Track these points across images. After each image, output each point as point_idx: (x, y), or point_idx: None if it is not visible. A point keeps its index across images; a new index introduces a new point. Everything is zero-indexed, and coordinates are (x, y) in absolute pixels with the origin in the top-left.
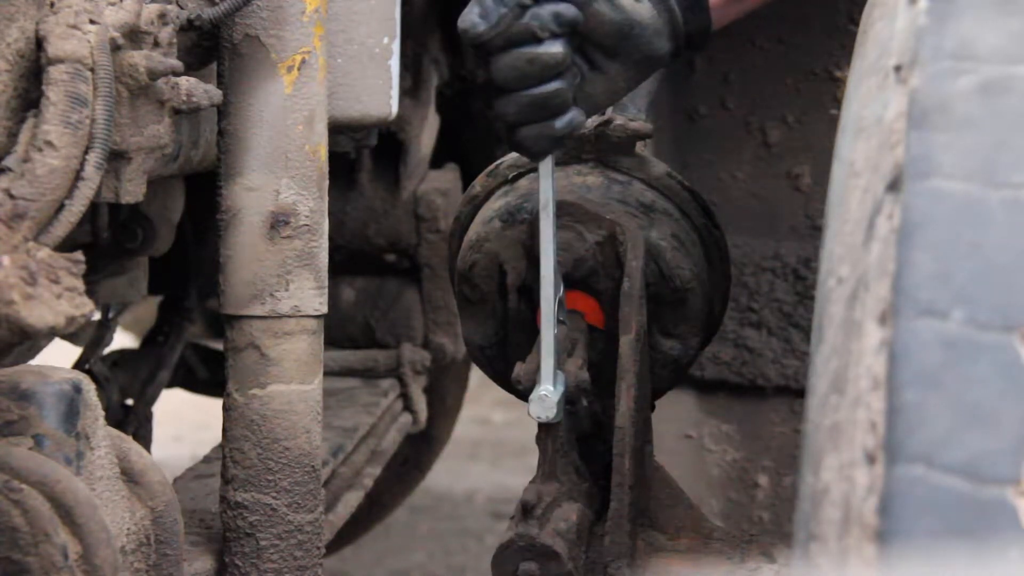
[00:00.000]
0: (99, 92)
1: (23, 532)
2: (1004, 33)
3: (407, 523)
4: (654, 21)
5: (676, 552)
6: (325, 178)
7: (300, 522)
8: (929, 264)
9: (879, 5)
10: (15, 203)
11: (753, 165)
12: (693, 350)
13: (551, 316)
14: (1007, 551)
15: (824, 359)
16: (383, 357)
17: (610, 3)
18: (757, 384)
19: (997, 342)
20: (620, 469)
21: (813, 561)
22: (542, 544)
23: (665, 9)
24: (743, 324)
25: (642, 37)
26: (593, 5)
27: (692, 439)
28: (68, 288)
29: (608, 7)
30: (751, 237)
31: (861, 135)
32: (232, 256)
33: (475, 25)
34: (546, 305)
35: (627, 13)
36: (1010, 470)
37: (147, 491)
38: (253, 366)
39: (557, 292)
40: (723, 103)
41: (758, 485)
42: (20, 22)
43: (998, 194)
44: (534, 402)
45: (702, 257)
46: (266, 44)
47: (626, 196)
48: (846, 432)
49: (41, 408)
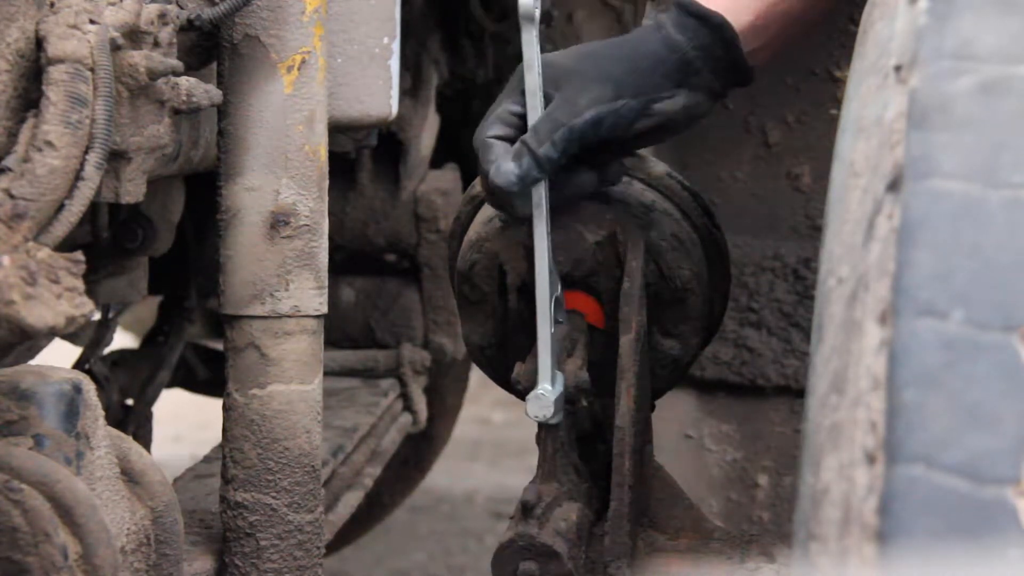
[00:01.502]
0: (99, 92)
1: (23, 532)
2: (1004, 33)
3: (407, 523)
4: (691, 102)
5: (676, 552)
6: (325, 178)
7: (300, 522)
8: (929, 264)
9: (879, 5)
10: (15, 203)
11: (753, 165)
12: (693, 350)
13: (547, 315)
14: (1007, 551)
15: (824, 359)
16: (383, 357)
17: (648, 117)
18: (757, 384)
19: (997, 342)
20: (620, 469)
21: (813, 561)
22: (542, 544)
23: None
24: (743, 324)
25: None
26: (634, 128)
27: (692, 439)
28: (68, 288)
29: (647, 121)
30: (751, 237)
31: (861, 135)
32: (232, 256)
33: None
34: (542, 304)
35: (664, 116)
36: (1010, 470)
37: (147, 491)
38: (253, 366)
39: (553, 291)
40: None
41: (758, 485)
42: (20, 22)
43: (998, 194)
44: (531, 401)
45: (702, 257)
46: (266, 44)
47: (626, 196)
48: (846, 432)
49: (41, 408)
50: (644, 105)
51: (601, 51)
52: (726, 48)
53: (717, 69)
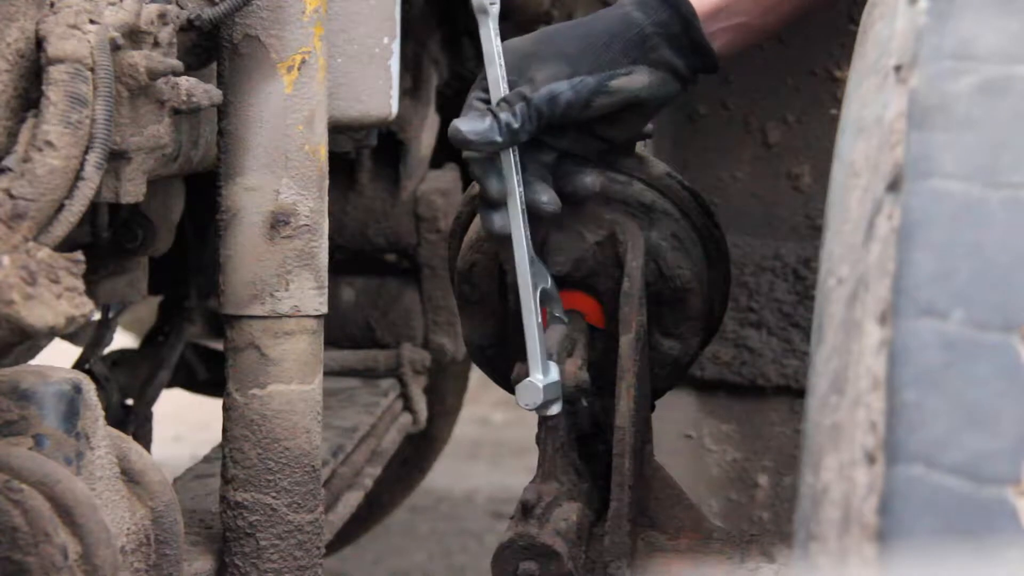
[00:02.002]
0: (99, 92)
1: (23, 532)
2: (1004, 33)
3: (407, 523)
4: (653, 80)
5: (676, 552)
6: (325, 178)
7: (300, 522)
8: (929, 264)
9: (879, 5)
10: (15, 203)
11: (753, 165)
12: (693, 350)
13: (531, 304)
14: (1007, 551)
15: (824, 359)
16: (383, 357)
17: (607, 94)
18: (757, 384)
19: (997, 342)
20: (620, 469)
21: (813, 561)
22: (542, 544)
23: (662, 63)
24: (743, 324)
25: (648, 99)
26: (592, 104)
27: (692, 439)
28: (68, 288)
29: (606, 98)
30: (751, 237)
31: (861, 135)
32: (232, 256)
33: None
34: (524, 293)
35: (624, 93)
36: (1010, 470)
37: (147, 491)
38: (253, 366)
39: (540, 282)
40: (723, 103)
41: (758, 485)
42: (20, 22)
43: (998, 194)
44: (520, 390)
45: (702, 257)
46: (266, 44)
47: (626, 196)
48: (846, 432)
49: (41, 408)
50: (600, 81)
51: (559, 31)
52: (684, 25)
53: (677, 47)
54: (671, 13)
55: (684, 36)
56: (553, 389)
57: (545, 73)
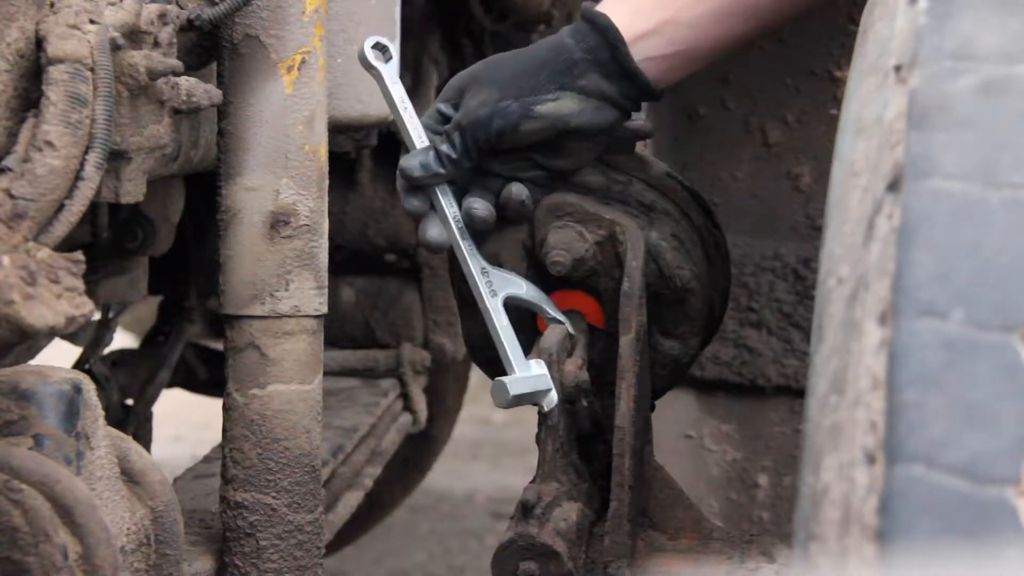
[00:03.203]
0: (99, 92)
1: (23, 532)
2: (1004, 33)
3: (407, 523)
4: (585, 108)
5: (676, 552)
6: (325, 178)
7: (300, 522)
8: (929, 264)
9: (879, 5)
10: (15, 203)
11: (753, 165)
12: (693, 350)
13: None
14: (1007, 551)
15: (824, 359)
16: (383, 357)
17: (533, 119)
18: (757, 384)
19: (997, 342)
20: (620, 469)
21: (813, 561)
22: (542, 544)
23: (592, 89)
24: (743, 324)
25: (582, 126)
26: (520, 130)
27: (692, 439)
28: (68, 288)
29: (533, 123)
30: (751, 237)
31: (861, 135)
32: (232, 256)
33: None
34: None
35: (551, 119)
36: (1010, 470)
37: (147, 491)
38: (253, 366)
39: (500, 289)
40: (723, 103)
41: (758, 485)
42: (20, 22)
43: (998, 194)
44: (491, 391)
45: (702, 257)
46: (266, 44)
47: (626, 196)
48: (846, 432)
49: (41, 408)
50: (525, 107)
51: (501, 58)
52: (612, 51)
53: (607, 73)
54: (598, 39)
55: (613, 63)
56: (534, 382)
57: (477, 100)
